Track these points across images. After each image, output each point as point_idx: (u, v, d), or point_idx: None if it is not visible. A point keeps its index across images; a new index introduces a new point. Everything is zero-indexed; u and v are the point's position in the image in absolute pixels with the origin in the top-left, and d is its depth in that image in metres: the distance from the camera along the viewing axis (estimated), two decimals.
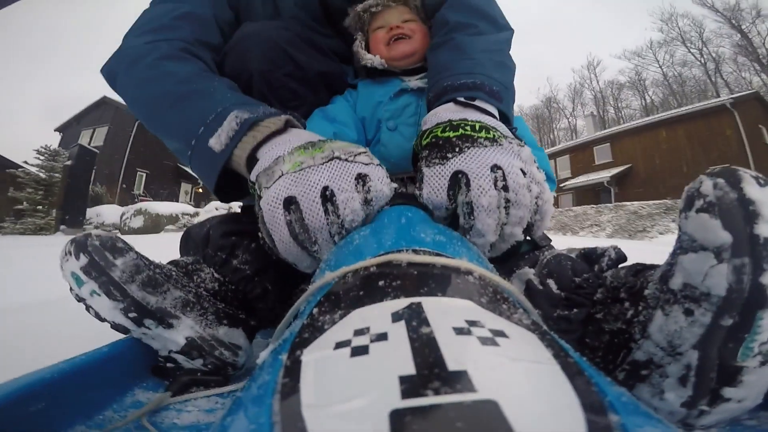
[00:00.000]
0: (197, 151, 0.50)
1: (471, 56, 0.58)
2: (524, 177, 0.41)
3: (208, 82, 0.55)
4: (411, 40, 0.72)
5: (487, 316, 0.19)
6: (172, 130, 0.54)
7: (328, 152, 0.42)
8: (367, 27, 0.78)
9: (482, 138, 0.43)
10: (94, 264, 0.41)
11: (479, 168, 0.40)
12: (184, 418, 0.37)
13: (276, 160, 0.43)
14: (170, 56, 0.59)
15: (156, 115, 0.56)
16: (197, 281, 0.49)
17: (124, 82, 0.60)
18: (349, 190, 0.39)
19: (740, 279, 0.27)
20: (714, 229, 0.28)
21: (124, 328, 0.42)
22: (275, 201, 0.40)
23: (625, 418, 0.13)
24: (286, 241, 0.40)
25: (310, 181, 0.40)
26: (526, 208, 0.41)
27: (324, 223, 0.39)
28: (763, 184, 0.28)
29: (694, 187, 0.30)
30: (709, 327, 0.28)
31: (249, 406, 0.16)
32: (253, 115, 0.48)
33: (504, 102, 0.54)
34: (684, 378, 0.29)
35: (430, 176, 0.43)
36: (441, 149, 0.43)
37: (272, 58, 0.64)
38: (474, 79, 0.54)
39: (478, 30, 0.64)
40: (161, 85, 0.55)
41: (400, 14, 0.76)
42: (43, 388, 0.32)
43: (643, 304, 0.34)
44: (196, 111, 0.51)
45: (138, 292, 0.41)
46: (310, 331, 0.20)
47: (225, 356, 0.44)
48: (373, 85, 0.74)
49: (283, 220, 0.40)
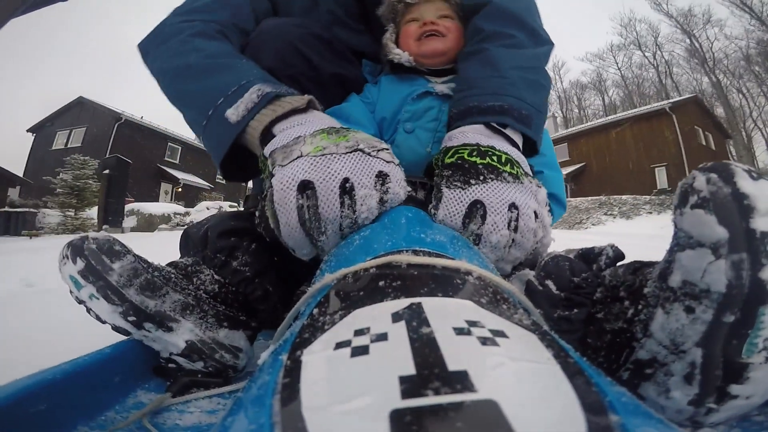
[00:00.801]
0: (213, 120, 0.49)
1: (502, 74, 0.54)
2: (535, 221, 0.42)
3: (235, 59, 0.55)
4: (444, 39, 0.68)
5: (487, 316, 0.19)
6: (193, 100, 0.53)
7: (353, 142, 0.40)
8: (399, 18, 0.73)
9: (506, 173, 0.43)
10: (91, 268, 0.40)
11: (499, 204, 0.41)
12: (187, 419, 0.37)
13: (296, 140, 0.41)
14: (202, 34, 0.60)
15: (179, 84, 0.56)
16: (197, 283, 0.48)
17: (155, 56, 0.60)
18: (369, 186, 0.38)
19: (739, 275, 0.27)
20: (710, 224, 0.28)
21: (124, 330, 0.42)
22: (290, 182, 0.38)
23: (626, 418, 0.13)
24: (293, 225, 0.39)
25: (331, 169, 0.38)
26: (525, 252, 0.43)
27: (337, 215, 0.38)
28: (756, 178, 0.28)
29: (688, 183, 0.30)
30: (711, 324, 0.28)
31: (249, 407, 0.16)
32: (275, 90, 0.48)
33: (533, 126, 0.53)
34: (689, 376, 0.29)
35: (449, 199, 0.43)
36: (465, 173, 0.43)
37: (284, 57, 0.64)
38: (502, 102, 0.51)
39: (514, 42, 0.60)
40: (189, 57, 0.55)
41: (437, 9, 0.70)
42: (45, 389, 0.33)
43: (644, 303, 0.34)
44: (220, 82, 0.51)
45: (136, 296, 0.41)
46: (310, 332, 0.20)
47: (225, 359, 0.44)
48: (396, 82, 0.70)
49: (294, 203, 0.38)
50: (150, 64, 0.62)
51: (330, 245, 0.40)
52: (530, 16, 0.64)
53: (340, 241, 0.40)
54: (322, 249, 0.41)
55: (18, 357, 0.63)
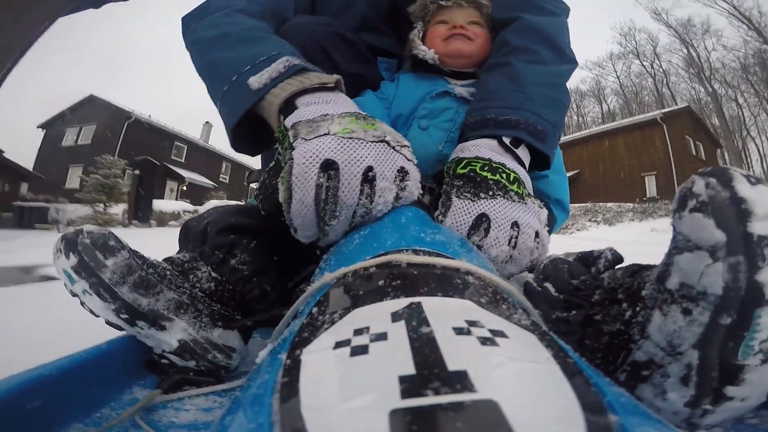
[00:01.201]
0: (233, 86, 0.49)
1: (524, 89, 0.55)
2: (534, 240, 0.44)
3: (271, 35, 0.56)
4: (471, 42, 0.69)
5: (487, 316, 0.19)
6: (221, 67, 0.53)
7: (380, 132, 0.40)
8: (429, 18, 0.74)
9: (513, 192, 0.45)
10: (84, 264, 0.40)
11: (503, 220, 0.43)
12: (182, 416, 0.37)
13: (324, 117, 0.41)
14: (244, 11, 0.61)
15: (212, 52, 0.56)
16: (193, 281, 0.47)
17: (195, 27, 0.61)
18: (390, 179, 0.38)
19: (736, 277, 0.27)
20: (708, 228, 0.28)
21: (117, 326, 0.42)
22: (314, 157, 0.36)
23: (624, 419, 0.13)
24: (307, 203, 0.37)
25: (358, 153, 0.37)
26: (519, 268, 0.44)
27: (355, 202, 0.37)
28: (755, 183, 0.28)
29: (687, 187, 0.30)
30: (708, 326, 0.28)
31: (248, 406, 0.16)
32: (302, 63, 0.48)
33: (548, 142, 0.54)
34: (686, 378, 0.29)
35: (458, 208, 0.44)
36: (476, 186, 0.45)
37: (308, 53, 0.64)
38: (519, 116, 0.53)
39: (538, 58, 0.60)
40: (226, 28, 0.57)
41: (468, 15, 0.72)
42: (41, 386, 0.32)
43: (641, 305, 0.34)
44: (251, 52, 0.51)
45: (129, 294, 0.40)
46: (309, 331, 0.20)
47: (218, 359, 0.44)
48: (416, 80, 0.70)
49: (314, 180, 0.36)
50: (188, 36, 0.63)
51: (337, 232, 0.39)
52: (559, 35, 0.65)
53: (347, 229, 0.39)
54: (326, 234, 0.40)
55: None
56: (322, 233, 0.40)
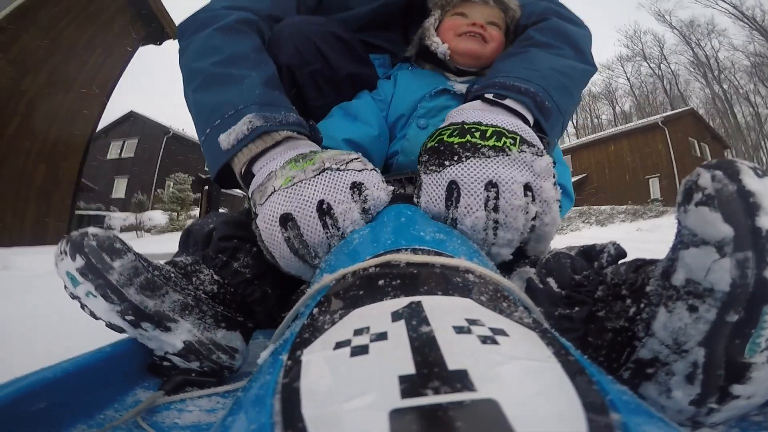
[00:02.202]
0: (208, 140, 0.51)
1: (537, 68, 0.54)
2: (522, 197, 0.40)
3: (246, 69, 0.56)
4: (485, 45, 0.67)
5: (487, 314, 0.19)
6: (197, 112, 0.55)
7: (319, 164, 0.41)
8: (449, 8, 0.71)
9: (487, 147, 0.41)
10: (91, 266, 0.40)
11: (472, 183, 0.39)
12: (186, 417, 0.37)
13: (269, 176, 0.43)
14: (229, 29, 0.60)
15: (190, 88, 0.57)
16: (196, 283, 0.48)
17: (184, 45, 0.62)
18: (345, 201, 0.39)
19: (744, 273, 0.27)
20: (714, 222, 0.27)
21: (119, 328, 0.42)
22: (271, 219, 0.40)
23: (627, 417, 0.13)
24: (287, 257, 0.40)
25: (304, 196, 0.39)
26: (516, 231, 0.40)
27: (323, 238, 0.39)
28: (762, 175, 0.27)
29: (692, 180, 0.29)
30: (715, 323, 0.28)
31: (249, 406, 0.16)
32: (265, 124, 0.48)
33: (550, 122, 0.51)
34: (691, 376, 0.29)
35: (427, 184, 0.43)
36: (441, 156, 0.42)
37: (303, 54, 0.64)
38: (528, 86, 0.50)
39: (559, 52, 0.60)
40: (205, 59, 0.57)
41: (490, 15, 0.69)
42: (45, 388, 0.33)
43: (646, 301, 0.33)
44: (221, 100, 0.52)
45: (136, 295, 0.41)
46: (310, 331, 0.20)
47: (222, 360, 0.44)
48: (414, 77, 0.69)
49: (281, 237, 0.40)
50: (180, 52, 0.63)
51: None
52: (583, 41, 0.66)
53: None
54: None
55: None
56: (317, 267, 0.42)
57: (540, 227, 0.42)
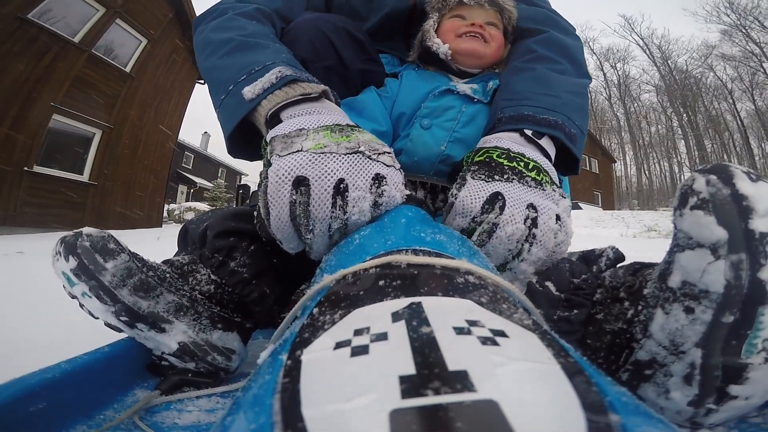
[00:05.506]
0: (230, 95, 0.51)
1: (556, 94, 0.58)
2: (555, 223, 0.43)
3: (270, 41, 0.57)
4: (486, 45, 0.68)
5: (488, 315, 0.19)
6: (221, 73, 0.55)
7: (354, 143, 0.41)
8: (446, 12, 0.73)
9: (530, 178, 0.45)
10: (84, 267, 0.40)
11: (518, 200, 0.43)
12: (185, 418, 0.37)
13: (299, 132, 0.42)
14: (248, 15, 0.62)
15: (214, 57, 0.58)
16: (192, 283, 0.47)
17: (202, 29, 0.63)
18: (363, 188, 0.38)
19: (738, 275, 0.27)
20: (709, 225, 0.28)
21: (116, 328, 0.42)
22: (285, 176, 0.38)
23: (626, 418, 0.13)
24: (283, 219, 0.39)
25: (328, 168, 0.38)
26: (546, 251, 0.43)
27: (327, 215, 0.38)
28: (755, 180, 0.28)
29: (687, 185, 0.30)
30: (711, 324, 0.28)
31: (249, 407, 0.16)
32: (294, 74, 0.49)
33: (577, 145, 0.56)
34: (689, 377, 0.29)
35: (472, 185, 0.44)
36: (491, 170, 0.45)
37: (317, 49, 0.65)
38: (557, 118, 0.54)
39: (561, 68, 0.63)
40: (228, 33, 0.58)
41: (487, 16, 0.71)
42: (44, 388, 0.32)
43: (643, 304, 0.34)
44: (248, 60, 0.52)
45: (129, 297, 0.40)
46: (310, 331, 0.20)
47: (218, 361, 0.44)
48: (419, 78, 0.70)
49: (287, 197, 0.38)
50: (196, 37, 0.64)
51: (317, 244, 0.40)
52: (580, 54, 0.70)
53: (328, 241, 0.40)
54: (309, 246, 0.41)
55: None
56: (306, 245, 0.41)
57: (557, 255, 0.45)
